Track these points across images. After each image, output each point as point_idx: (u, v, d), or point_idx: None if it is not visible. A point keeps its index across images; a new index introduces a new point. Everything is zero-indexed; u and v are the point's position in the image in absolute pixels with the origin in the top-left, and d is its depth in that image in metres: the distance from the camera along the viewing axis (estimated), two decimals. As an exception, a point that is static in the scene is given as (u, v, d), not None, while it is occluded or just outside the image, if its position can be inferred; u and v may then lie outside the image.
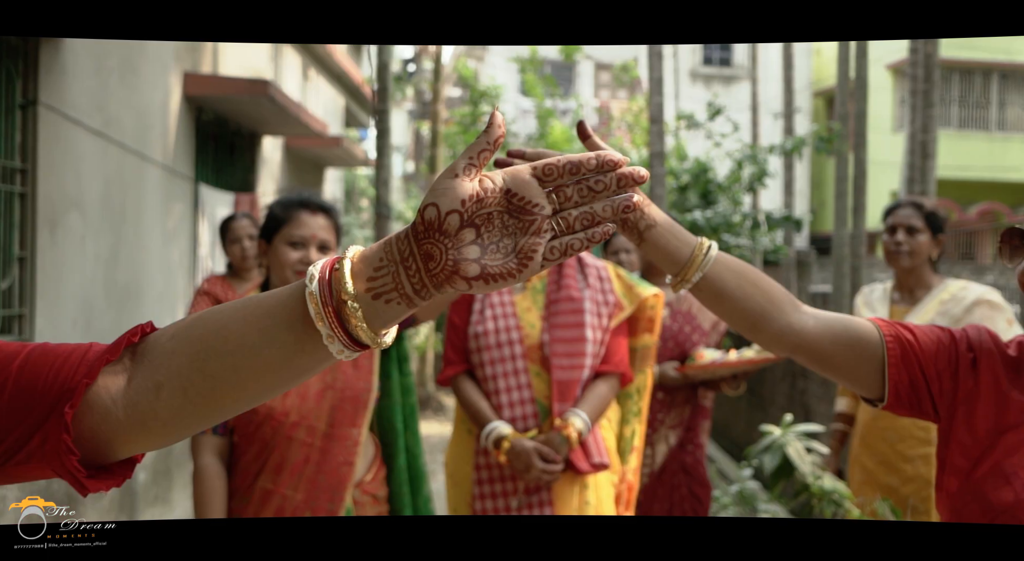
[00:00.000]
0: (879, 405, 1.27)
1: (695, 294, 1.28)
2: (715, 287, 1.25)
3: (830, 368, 1.27)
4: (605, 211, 0.79)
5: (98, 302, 4.25)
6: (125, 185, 4.55)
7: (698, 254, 1.24)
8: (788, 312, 1.26)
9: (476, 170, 0.76)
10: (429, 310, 2.24)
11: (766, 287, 1.26)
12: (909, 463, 2.93)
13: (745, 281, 1.25)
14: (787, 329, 1.25)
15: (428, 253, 0.74)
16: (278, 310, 0.78)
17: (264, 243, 2.21)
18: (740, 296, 1.25)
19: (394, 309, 0.76)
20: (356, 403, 2.15)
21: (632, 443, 2.62)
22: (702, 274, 1.24)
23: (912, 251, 2.97)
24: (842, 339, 1.25)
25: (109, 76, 4.32)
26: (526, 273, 0.76)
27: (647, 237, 1.24)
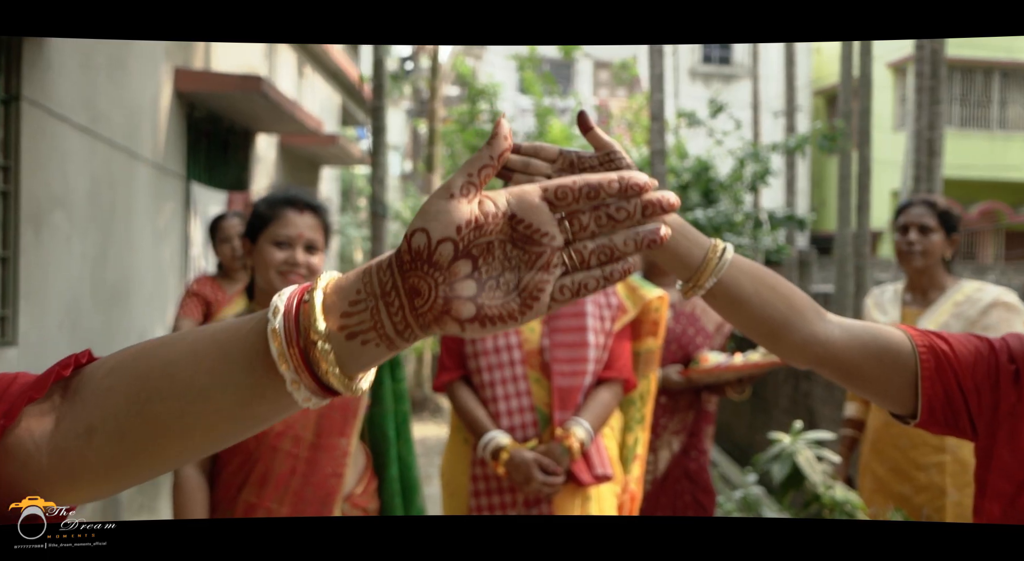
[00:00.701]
0: (911, 422, 1.16)
1: (708, 301, 1.16)
2: (731, 293, 1.13)
3: (858, 382, 1.16)
4: (627, 245, 0.65)
5: (85, 303, 4.13)
6: (113, 183, 4.44)
7: (712, 257, 1.12)
8: (812, 320, 1.14)
9: (475, 190, 0.64)
10: None
11: (787, 293, 1.15)
12: (923, 471, 2.82)
13: (763, 286, 1.13)
14: (811, 339, 1.13)
15: (414, 288, 0.62)
16: (234, 347, 0.66)
17: (249, 242, 2.10)
18: (758, 303, 1.13)
19: (371, 352, 0.64)
20: (345, 411, 2.03)
21: (635, 451, 2.51)
22: (716, 279, 1.12)
23: (925, 251, 2.87)
24: (871, 350, 1.14)
25: (96, 71, 4.21)
26: (530, 315, 0.64)
27: None
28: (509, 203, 0.64)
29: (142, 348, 0.70)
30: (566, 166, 1.12)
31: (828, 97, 18.91)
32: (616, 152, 1.12)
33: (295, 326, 0.64)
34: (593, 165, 1.12)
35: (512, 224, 0.64)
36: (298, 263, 2.04)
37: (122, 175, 4.54)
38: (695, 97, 13.08)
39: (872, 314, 3.00)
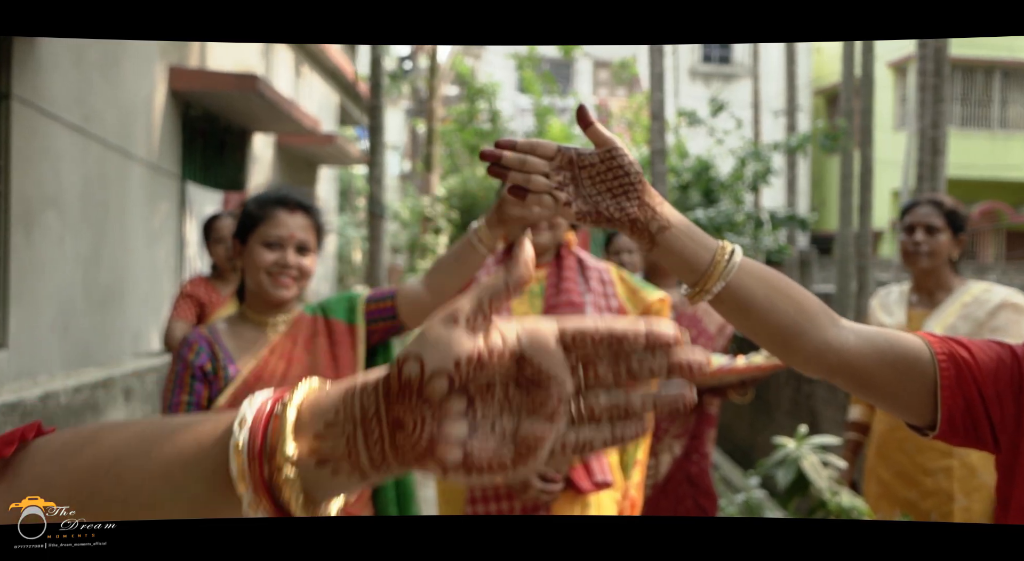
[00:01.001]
0: (929, 434, 1.09)
1: (716, 307, 1.09)
2: (740, 299, 1.07)
3: (873, 392, 1.09)
4: (645, 405, 0.58)
5: (78, 304, 4.07)
6: (107, 182, 4.38)
7: (720, 260, 1.06)
8: (825, 327, 1.08)
9: (484, 320, 0.57)
10: (416, 317, 2.07)
11: (799, 298, 1.08)
12: (929, 476, 2.76)
13: (774, 291, 1.07)
14: (824, 347, 1.07)
15: (399, 420, 0.55)
16: (191, 454, 0.59)
17: (239, 243, 2.04)
18: (769, 309, 1.07)
19: (341, 482, 0.57)
20: (337, 417, 1.98)
21: (635, 456, 2.44)
22: (724, 283, 1.06)
23: (932, 251, 2.80)
24: (888, 358, 1.07)
25: (89, 70, 4.15)
26: (522, 470, 0.56)
27: (660, 240, 1.07)
28: (520, 341, 0.57)
29: (91, 434, 0.63)
30: (564, 163, 1.07)
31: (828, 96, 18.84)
32: (618, 149, 1.06)
33: (260, 444, 0.57)
34: (593, 162, 1.06)
35: (519, 364, 0.57)
36: (289, 265, 1.98)
37: (116, 175, 4.48)
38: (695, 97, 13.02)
39: (877, 315, 2.94)
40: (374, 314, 2.08)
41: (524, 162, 1.05)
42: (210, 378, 1.95)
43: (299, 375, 1.98)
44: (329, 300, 2.12)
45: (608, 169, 1.06)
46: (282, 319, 2.04)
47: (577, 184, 1.07)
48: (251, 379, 1.95)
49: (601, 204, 1.06)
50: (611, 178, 1.06)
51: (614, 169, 1.06)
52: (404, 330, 2.10)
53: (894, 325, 2.87)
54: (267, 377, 1.95)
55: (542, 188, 1.06)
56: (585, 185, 1.06)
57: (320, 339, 2.04)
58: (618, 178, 1.06)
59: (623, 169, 1.06)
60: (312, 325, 2.06)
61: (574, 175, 1.07)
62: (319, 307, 2.10)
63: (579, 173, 1.07)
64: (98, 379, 2.86)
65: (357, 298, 2.10)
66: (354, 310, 2.08)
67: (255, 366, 1.96)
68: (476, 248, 2.00)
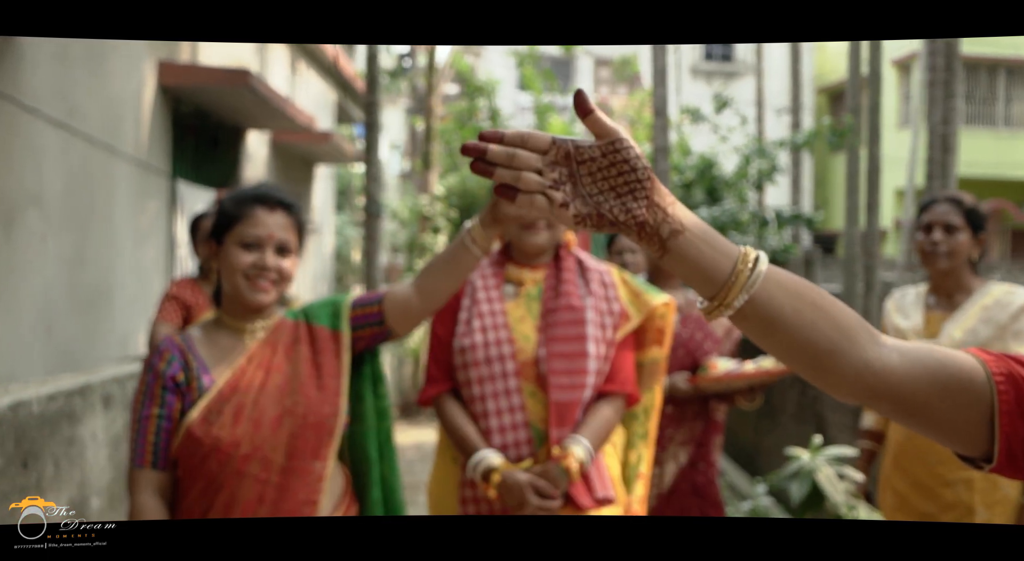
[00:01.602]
0: (985, 467, 0.95)
1: (738, 323, 0.94)
2: (766, 314, 0.92)
3: (920, 420, 0.94)
4: None
5: (61, 306, 3.94)
6: (92, 180, 4.24)
7: (742, 269, 0.92)
8: (864, 345, 0.93)
9: None
10: (404, 323, 1.93)
11: (834, 312, 0.93)
12: (949, 488, 2.62)
13: (806, 304, 0.92)
14: (865, 369, 0.92)
15: None
16: None
17: (215, 244, 1.91)
18: (799, 325, 0.92)
19: None
20: (320, 431, 1.84)
21: (638, 469, 2.31)
22: (748, 296, 0.92)
23: (951, 251, 2.67)
24: (939, 380, 0.92)
25: (73, 63, 4.01)
26: None
27: (672, 247, 0.92)
28: None
29: None
30: (560, 158, 0.93)
31: (831, 94, 18.71)
32: (622, 141, 0.92)
33: None
34: (593, 156, 0.92)
35: None
36: (267, 267, 1.84)
37: (101, 172, 4.34)
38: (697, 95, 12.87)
39: (893, 319, 2.80)
40: (360, 320, 1.94)
41: (513, 157, 0.91)
42: (182, 389, 1.81)
43: (278, 386, 1.84)
44: (312, 305, 1.98)
45: (611, 164, 0.92)
46: (261, 325, 1.90)
47: (575, 182, 0.92)
48: (226, 390, 1.81)
49: (603, 205, 0.92)
50: (615, 174, 0.92)
51: (618, 164, 0.92)
52: (392, 336, 1.96)
53: (910, 328, 2.73)
54: (244, 388, 1.82)
55: (534, 187, 0.92)
56: (585, 183, 0.92)
57: (302, 346, 1.90)
58: (623, 174, 0.92)
59: (628, 164, 0.91)
60: (294, 331, 1.92)
61: (571, 172, 0.93)
62: (301, 312, 1.96)
63: (577, 169, 0.93)
64: (74, 386, 2.72)
65: (342, 303, 1.96)
66: (339, 315, 1.94)
67: (231, 376, 1.82)
68: (469, 249, 1.87)
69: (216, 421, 1.77)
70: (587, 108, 0.92)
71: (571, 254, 2.25)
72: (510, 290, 2.22)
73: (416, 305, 1.91)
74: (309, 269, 9.00)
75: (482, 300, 2.18)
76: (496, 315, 2.15)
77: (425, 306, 1.92)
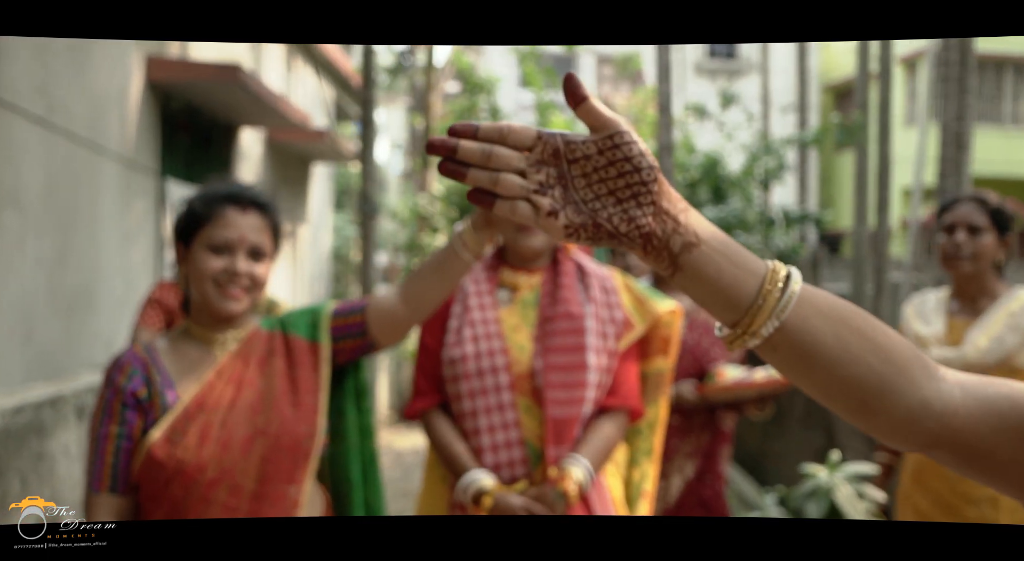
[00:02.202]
0: None
1: (765, 355, 0.77)
2: (800, 344, 0.75)
3: (987, 467, 0.76)
4: None
5: (41, 310, 3.78)
6: (75, 179, 4.09)
7: (770, 289, 0.75)
8: (921, 382, 0.76)
9: None
10: (390, 334, 1.77)
11: (883, 340, 0.76)
12: (973, 506, 2.47)
13: (849, 332, 0.76)
14: (921, 411, 0.76)
15: None
16: None
17: (182, 247, 1.75)
18: (842, 358, 0.75)
19: None
20: (295, 453, 1.68)
21: (642, 488, 2.15)
22: (779, 323, 0.75)
23: (975, 254, 2.52)
24: (1009, 422, 0.75)
25: (53, 58, 3.86)
26: None
27: (685, 263, 0.76)
28: None
29: None
30: (548, 156, 0.76)
31: (836, 92, 18.55)
32: (623, 134, 0.75)
33: None
34: (589, 154, 0.75)
35: None
36: (239, 272, 1.68)
37: (85, 171, 4.19)
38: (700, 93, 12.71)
39: (912, 325, 2.64)
40: (341, 330, 1.78)
41: (490, 156, 0.75)
42: (144, 406, 1.65)
43: (250, 403, 1.68)
44: (290, 314, 1.82)
45: (610, 163, 0.75)
46: (232, 336, 1.74)
47: (566, 185, 0.76)
48: (192, 408, 1.65)
49: (601, 213, 0.76)
50: (614, 175, 0.75)
51: (618, 163, 0.75)
52: (376, 348, 1.80)
53: (932, 336, 2.58)
54: (211, 405, 1.66)
55: (515, 192, 0.75)
56: (578, 186, 0.76)
57: (277, 359, 1.74)
58: (624, 175, 0.75)
59: (631, 162, 0.75)
60: (268, 343, 1.76)
61: (562, 173, 0.76)
62: (277, 322, 1.80)
63: (569, 169, 0.76)
64: (44, 397, 2.56)
65: (321, 312, 1.80)
66: (317, 326, 1.78)
67: (198, 392, 1.66)
68: (460, 254, 1.70)
69: (180, 442, 1.61)
70: (580, 95, 0.75)
71: (570, 258, 2.09)
72: (504, 296, 2.06)
73: (402, 315, 1.75)
74: (306, 269, 8.84)
75: (474, 307, 2.02)
76: (489, 323, 1.99)
77: (412, 316, 1.76)
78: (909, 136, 14.35)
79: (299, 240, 8.46)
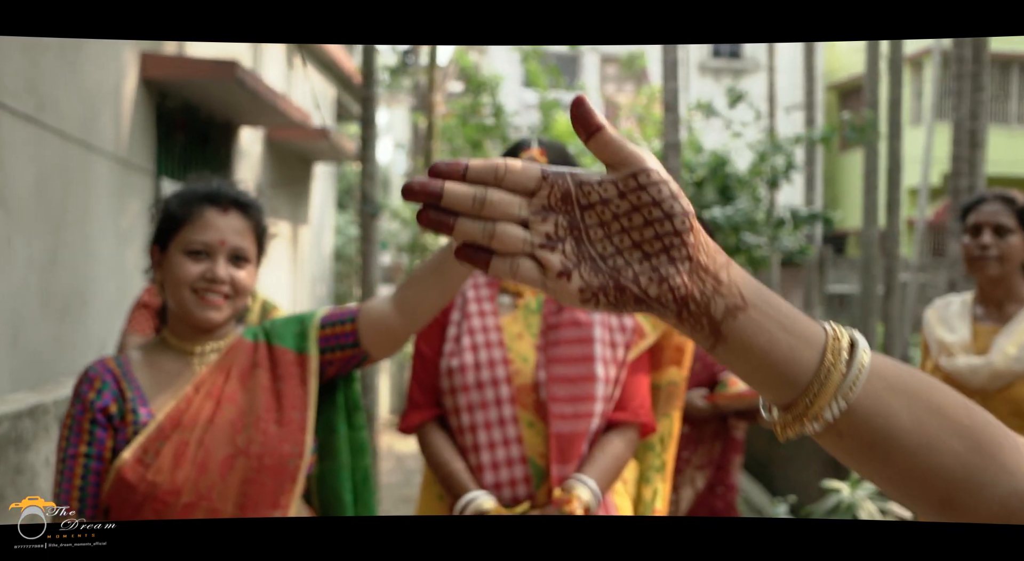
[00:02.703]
0: None
1: (827, 443, 0.63)
2: (872, 428, 0.61)
3: None
4: None
5: (31, 314, 3.67)
6: (66, 178, 3.97)
7: (833, 362, 0.61)
8: (1013, 467, 0.62)
9: None
10: (383, 344, 1.65)
11: (966, 418, 0.63)
12: (1001, 524, 2.34)
13: (927, 410, 0.62)
14: (1018, 505, 0.61)
15: None
16: None
17: (157, 251, 1.63)
18: (920, 444, 0.61)
19: None
20: (279, 474, 1.55)
21: (653, 506, 2.02)
22: (847, 403, 0.61)
23: (1003, 256, 2.39)
24: None
25: (42, 53, 3.74)
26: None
27: (729, 332, 0.61)
28: None
29: None
30: (556, 201, 0.61)
31: (841, 91, 18.41)
32: (649, 172, 0.60)
33: None
34: (608, 197, 0.61)
35: None
36: (219, 278, 1.56)
37: (76, 170, 4.07)
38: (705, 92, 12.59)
39: (936, 332, 2.51)
40: (330, 340, 1.65)
41: (483, 202, 0.60)
42: (115, 423, 1.53)
43: (230, 420, 1.56)
44: (275, 322, 1.70)
45: (634, 208, 0.61)
46: (212, 347, 1.62)
47: (579, 237, 0.61)
48: (167, 425, 1.52)
49: (625, 272, 0.61)
50: (640, 224, 0.61)
51: (645, 208, 0.60)
52: (369, 360, 1.68)
53: (956, 343, 2.45)
54: (188, 423, 1.53)
55: (516, 247, 0.61)
56: (595, 238, 0.61)
57: (260, 372, 1.62)
58: (652, 224, 0.61)
59: (661, 207, 0.60)
60: (251, 354, 1.63)
61: (574, 221, 0.61)
62: (262, 331, 1.68)
63: (583, 217, 0.61)
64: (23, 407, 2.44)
65: (309, 320, 1.67)
66: (305, 335, 1.65)
67: (173, 408, 1.54)
68: None
69: (153, 463, 1.49)
70: (593, 124, 0.60)
71: (576, 261, 1.97)
72: (506, 302, 1.94)
73: (396, 324, 1.62)
74: (307, 271, 8.73)
75: (474, 314, 1.90)
76: (489, 331, 1.86)
77: (407, 325, 1.63)
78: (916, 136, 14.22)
79: (300, 241, 8.35)
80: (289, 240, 7.88)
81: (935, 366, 2.47)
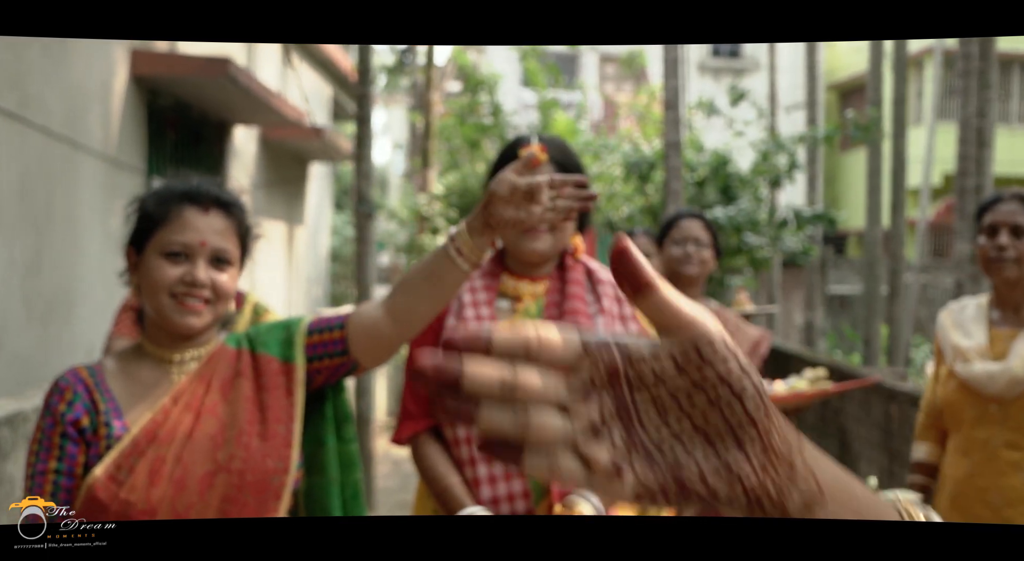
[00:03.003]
0: None
1: None
2: None
3: None
4: None
5: (14, 317, 3.57)
6: (51, 178, 3.87)
7: None
8: None
9: None
10: (373, 352, 1.55)
11: None
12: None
13: None
14: None
15: None
16: None
17: (134, 253, 1.53)
18: None
19: None
20: (263, 492, 1.45)
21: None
22: None
23: (1020, 257, 2.31)
24: None
25: (26, 49, 3.64)
26: None
27: None
28: None
29: None
30: (601, 377, 0.50)
31: (841, 91, 18.33)
32: (713, 342, 0.50)
33: None
34: (663, 372, 0.50)
35: None
36: (198, 282, 1.46)
37: (62, 169, 3.97)
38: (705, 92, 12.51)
39: (951, 337, 2.42)
40: (318, 348, 1.55)
41: (514, 387, 0.49)
42: (87, 437, 1.43)
43: (210, 434, 1.46)
44: (259, 328, 1.60)
45: (696, 386, 0.50)
46: (192, 355, 1.52)
47: (630, 421, 0.50)
48: (142, 440, 1.42)
49: (687, 465, 0.50)
50: (703, 405, 0.50)
51: (710, 387, 0.50)
52: (359, 369, 1.58)
53: (973, 348, 2.35)
54: (165, 437, 1.43)
55: (555, 439, 0.49)
56: (648, 422, 0.50)
57: (243, 382, 1.51)
58: (719, 405, 0.50)
59: (730, 386, 0.50)
60: (234, 363, 1.53)
61: (623, 402, 0.50)
62: (245, 338, 1.58)
63: (632, 397, 0.50)
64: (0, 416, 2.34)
65: (296, 327, 1.57)
66: (291, 343, 1.55)
67: (149, 421, 1.44)
68: (455, 262, 1.47)
69: (126, 481, 1.39)
70: (641, 280, 0.50)
71: (579, 263, 1.87)
72: (504, 306, 1.84)
73: (387, 330, 1.52)
74: (303, 271, 8.63)
75: (470, 319, 1.80)
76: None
77: (399, 332, 1.53)
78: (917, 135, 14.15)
79: (296, 241, 8.25)
80: (284, 240, 7.79)
81: (950, 372, 2.38)
